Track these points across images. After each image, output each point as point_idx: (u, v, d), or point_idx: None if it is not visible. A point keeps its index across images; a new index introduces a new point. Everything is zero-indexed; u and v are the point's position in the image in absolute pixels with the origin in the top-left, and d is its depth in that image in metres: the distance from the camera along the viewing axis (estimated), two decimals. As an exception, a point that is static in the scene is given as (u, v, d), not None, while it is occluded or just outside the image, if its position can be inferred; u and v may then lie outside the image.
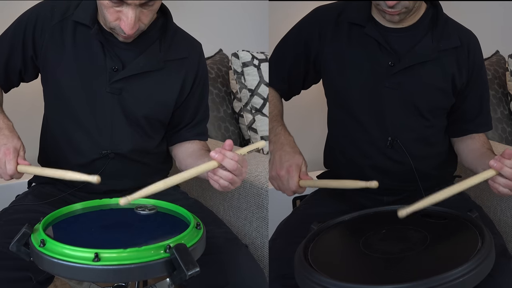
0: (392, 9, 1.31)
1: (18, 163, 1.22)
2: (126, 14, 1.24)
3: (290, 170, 1.30)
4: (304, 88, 1.59)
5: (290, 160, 1.31)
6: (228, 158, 1.15)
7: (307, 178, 1.30)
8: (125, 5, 1.23)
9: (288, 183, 1.30)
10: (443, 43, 1.40)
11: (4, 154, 1.21)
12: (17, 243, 1.04)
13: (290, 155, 1.33)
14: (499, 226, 1.56)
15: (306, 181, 1.30)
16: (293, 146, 1.37)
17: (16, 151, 1.23)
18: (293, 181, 1.29)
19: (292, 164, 1.30)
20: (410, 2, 1.31)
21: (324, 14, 1.49)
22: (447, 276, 0.97)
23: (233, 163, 1.16)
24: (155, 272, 0.99)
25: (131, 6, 1.23)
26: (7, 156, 1.21)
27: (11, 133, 1.27)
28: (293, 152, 1.33)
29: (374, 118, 1.43)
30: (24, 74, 1.43)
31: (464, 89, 1.45)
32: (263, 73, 2.12)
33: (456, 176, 1.57)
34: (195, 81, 1.46)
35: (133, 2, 1.22)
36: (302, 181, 1.30)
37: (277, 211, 1.62)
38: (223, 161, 1.15)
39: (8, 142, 1.24)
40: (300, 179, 1.30)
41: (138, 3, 1.23)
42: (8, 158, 1.21)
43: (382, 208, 1.33)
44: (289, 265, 1.15)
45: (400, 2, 1.30)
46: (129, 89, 1.37)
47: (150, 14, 1.30)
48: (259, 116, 2.10)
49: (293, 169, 1.30)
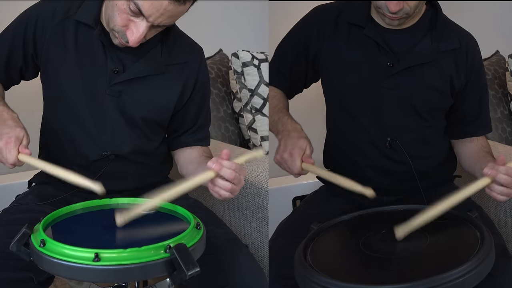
0: (394, 14, 1.32)
1: (20, 152, 1.21)
2: (138, 26, 1.23)
3: (293, 153, 1.30)
4: (306, 86, 1.59)
5: (294, 144, 1.32)
6: (225, 167, 1.16)
7: (309, 161, 1.31)
8: (142, 17, 1.22)
9: (291, 165, 1.30)
10: (442, 45, 1.40)
11: (5, 142, 1.20)
12: (17, 243, 1.04)
13: (294, 139, 1.33)
14: (499, 226, 1.56)
15: (308, 165, 1.30)
16: (300, 131, 1.37)
17: (18, 140, 1.21)
18: (296, 163, 1.30)
19: (296, 147, 1.31)
20: (411, 8, 1.31)
21: (323, 14, 1.49)
22: (447, 276, 0.97)
23: (231, 172, 1.16)
24: (155, 272, 0.99)
25: (147, 21, 1.21)
26: (8, 145, 1.20)
27: (15, 123, 1.26)
28: (298, 137, 1.34)
29: (373, 119, 1.43)
30: (25, 72, 1.43)
31: (463, 91, 1.45)
32: (263, 73, 2.12)
33: (456, 176, 1.57)
34: (195, 86, 1.45)
35: (153, 22, 1.21)
36: (304, 164, 1.30)
37: (277, 211, 1.62)
38: (220, 171, 1.16)
39: (10, 131, 1.22)
40: (303, 162, 1.30)
41: (155, 22, 1.22)
42: (9, 146, 1.20)
43: (382, 208, 1.33)
44: (289, 265, 1.15)
45: (402, 8, 1.30)
46: (129, 92, 1.37)
47: (156, 32, 1.29)
48: (259, 116, 2.10)
49: (296, 152, 1.30)
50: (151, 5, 1.18)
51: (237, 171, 1.16)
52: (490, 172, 1.18)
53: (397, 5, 1.29)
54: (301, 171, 1.31)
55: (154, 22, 1.21)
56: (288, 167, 1.32)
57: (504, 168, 1.18)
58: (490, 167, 1.19)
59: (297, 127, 1.39)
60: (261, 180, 1.56)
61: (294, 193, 2.04)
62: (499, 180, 1.18)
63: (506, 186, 1.18)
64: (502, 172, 1.17)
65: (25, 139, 1.23)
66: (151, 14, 1.19)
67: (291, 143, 1.33)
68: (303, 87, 1.60)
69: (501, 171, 1.17)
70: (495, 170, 1.18)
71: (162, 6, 1.18)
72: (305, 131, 1.38)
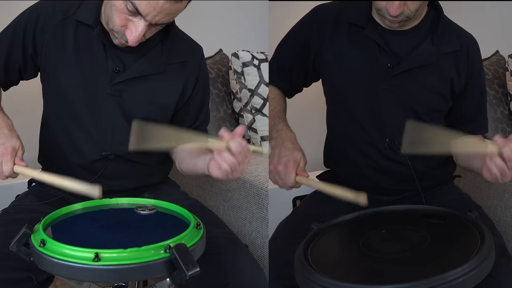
0: (394, 18, 1.31)
1: (15, 164, 1.22)
2: (136, 26, 1.23)
3: (287, 165, 1.30)
4: (306, 86, 1.59)
5: (288, 156, 1.32)
6: (236, 140, 1.15)
7: (303, 174, 1.31)
8: (140, 17, 1.22)
9: (285, 178, 1.30)
10: (443, 47, 1.40)
11: (1, 154, 1.20)
12: (17, 243, 1.04)
13: (289, 150, 1.33)
14: (499, 226, 1.56)
15: (301, 178, 1.30)
16: (294, 142, 1.37)
17: (14, 151, 1.22)
18: (290, 176, 1.30)
19: (290, 160, 1.31)
20: (412, 11, 1.31)
21: (323, 14, 1.49)
22: (447, 276, 0.97)
23: (239, 144, 1.15)
24: (155, 272, 0.99)
25: (144, 20, 1.22)
26: (4, 157, 1.20)
27: (10, 132, 1.26)
28: (292, 148, 1.34)
29: (372, 119, 1.43)
30: (23, 73, 1.43)
31: (462, 92, 1.44)
32: (263, 73, 2.12)
33: (456, 176, 1.57)
34: (196, 84, 1.45)
35: (150, 20, 1.21)
36: (298, 177, 1.30)
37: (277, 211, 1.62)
38: (231, 140, 1.15)
39: (6, 142, 1.22)
40: (297, 175, 1.30)
41: (153, 21, 1.22)
42: (6, 158, 1.20)
43: (382, 208, 1.33)
44: (289, 265, 1.15)
45: (403, 12, 1.30)
46: (130, 92, 1.37)
47: (155, 31, 1.30)
48: (259, 116, 2.10)
49: (290, 165, 1.30)
50: (148, 4, 1.18)
51: (244, 148, 1.16)
52: (501, 141, 1.16)
53: (398, 9, 1.29)
54: (295, 184, 1.30)
55: (152, 21, 1.21)
56: (280, 179, 1.31)
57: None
58: (502, 138, 1.17)
59: (291, 136, 1.39)
60: (261, 180, 1.56)
61: (294, 193, 2.04)
62: (504, 152, 1.16)
63: (507, 162, 1.17)
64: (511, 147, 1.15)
65: (21, 149, 1.24)
66: (149, 13, 1.20)
67: (285, 154, 1.32)
68: (303, 87, 1.59)
69: (511, 145, 1.15)
70: (506, 141, 1.16)
71: (159, 5, 1.18)
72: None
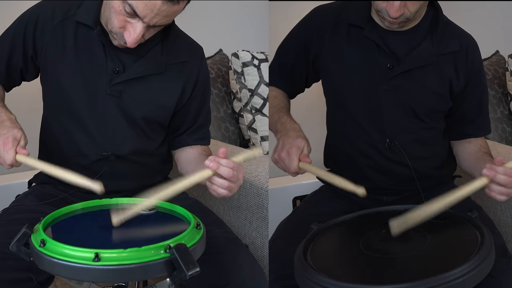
0: (394, 19, 1.31)
1: (17, 152, 1.21)
2: (134, 27, 1.23)
3: (290, 152, 1.31)
4: (307, 86, 1.59)
5: (291, 143, 1.32)
6: (223, 166, 1.16)
7: (306, 160, 1.31)
8: (138, 18, 1.22)
9: (288, 163, 1.31)
10: (442, 47, 1.40)
11: (3, 143, 1.21)
12: (17, 243, 1.04)
13: (292, 138, 1.34)
14: (499, 226, 1.56)
15: (305, 164, 1.31)
16: (298, 131, 1.38)
17: (15, 141, 1.22)
18: (293, 162, 1.30)
19: (293, 146, 1.31)
20: (411, 13, 1.31)
21: (323, 15, 1.49)
22: (447, 276, 0.97)
23: (229, 170, 1.16)
24: (155, 272, 0.99)
25: (142, 22, 1.22)
26: (5, 146, 1.20)
27: (13, 124, 1.26)
28: (296, 136, 1.34)
29: (372, 120, 1.43)
30: (25, 73, 1.43)
31: (462, 93, 1.45)
32: (263, 73, 2.12)
33: (456, 176, 1.57)
34: (196, 85, 1.45)
35: (148, 22, 1.21)
36: (301, 163, 1.30)
37: (277, 211, 1.62)
38: (218, 169, 1.16)
39: (7, 132, 1.23)
40: (300, 161, 1.30)
41: (151, 23, 1.22)
42: (7, 147, 1.20)
43: (382, 208, 1.33)
44: (289, 265, 1.15)
45: (403, 14, 1.30)
46: (129, 92, 1.37)
47: (154, 32, 1.29)
48: (259, 116, 2.10)
49: (293, 151, 1.30)
50: (145, 5, 1.18)
51: (234, 169, 1.17)
52: (489, 173, 1.19)
53: (398, 11, 1.29)
54: (298, 170, 1.31)
55: (149, 23, 1.21)
56: (285, 166, 1.32)
57: (502, 168, 1.18)
58: (489, 168, 1.19)
59: (295, 126, 1.39)
60: (261, 180, 1.56)
61: (294, 193, 2.04)
62: (498, 180, 1.18)
63: (505, 186, 1.19)
64: (501, 173, 1.18)
65: (23, 139, 1.23)
66: (146, 15, 1.20)
67: (288, 142, 1.33)
68: (304, 87, 1.60)
69: (500, 171, 1.18)
70: (493, 170, 1.18)
71: (156, 7, 1.18)
72: (305, 131, 1.38)
